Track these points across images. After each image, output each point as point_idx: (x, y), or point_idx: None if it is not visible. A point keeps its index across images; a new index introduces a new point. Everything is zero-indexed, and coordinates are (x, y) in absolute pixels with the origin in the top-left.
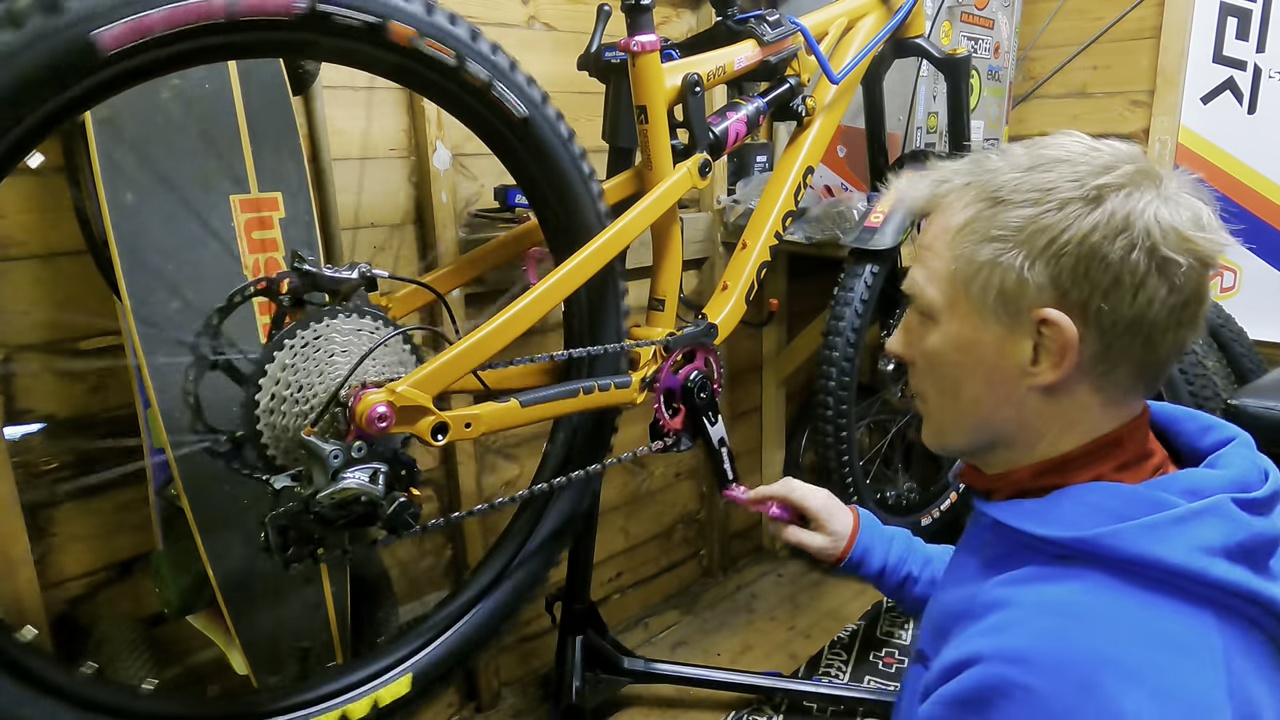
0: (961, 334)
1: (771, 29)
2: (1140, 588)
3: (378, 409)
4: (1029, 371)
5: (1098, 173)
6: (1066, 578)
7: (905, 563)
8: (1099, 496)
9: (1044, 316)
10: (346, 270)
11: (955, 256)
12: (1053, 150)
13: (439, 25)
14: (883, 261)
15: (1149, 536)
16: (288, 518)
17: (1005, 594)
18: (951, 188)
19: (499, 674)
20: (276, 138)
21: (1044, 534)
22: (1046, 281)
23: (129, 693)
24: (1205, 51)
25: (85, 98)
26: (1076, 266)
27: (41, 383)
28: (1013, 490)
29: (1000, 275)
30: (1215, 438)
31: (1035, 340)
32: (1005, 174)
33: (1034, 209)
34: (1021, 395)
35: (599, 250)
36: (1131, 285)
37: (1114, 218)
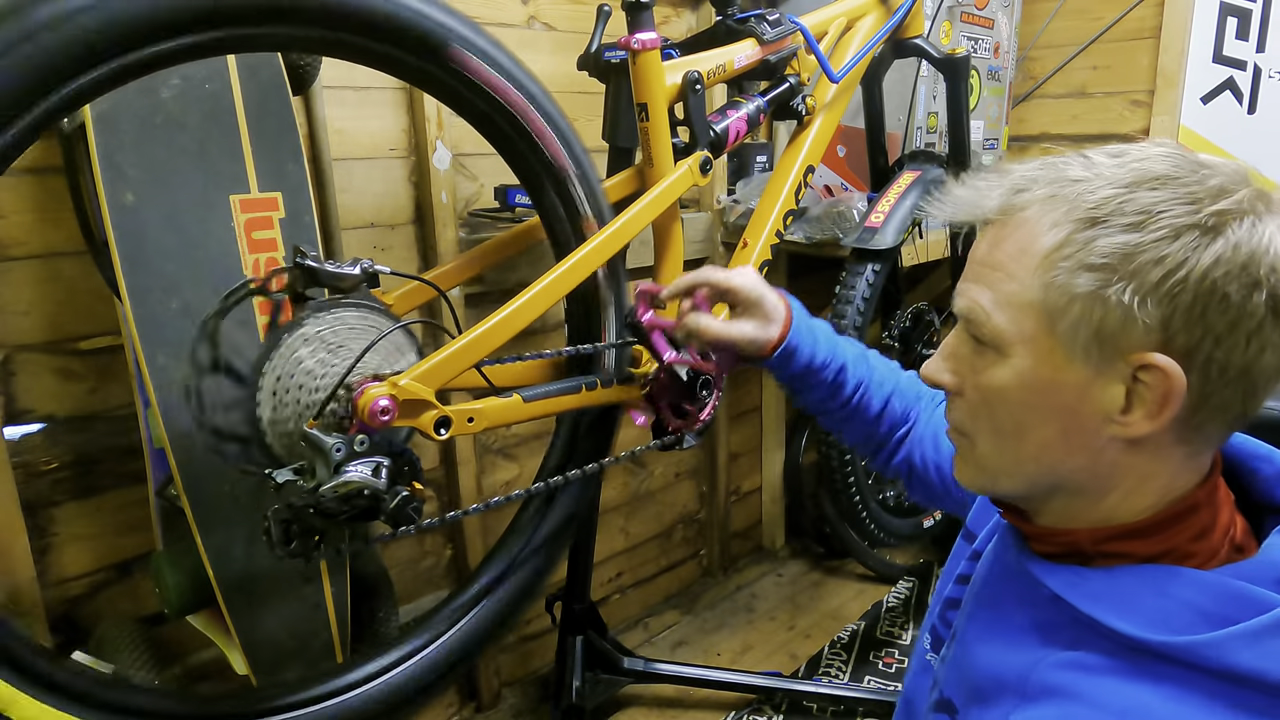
0: (1038, 372)
1: (771, 28)
2: (1228, 702)
3: (380, 402)
4: (1116, 421)
5: (1214, 195)
6: (1143, 679)
7: (835, 358)
8: (1185, 590)
9: (1149, 362)
10: (349, 266)
11: (1045, 284)
12: (1153, 164)
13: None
14: (884, 261)
15: (1250, 648)
16: (290, 511)
17: (1068, 683)
18: (1032, 198)
19: (499, 674)
20: (276, 138)
21: (1132, 634)
22: (1156, 323)
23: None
24: (1205, 51)
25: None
26: (1193, 307)
27: (41, 383)
28: (1065, 548)
29: (1101, 311)
30: None
31: (1129, 386)
32: (1100, 189)
33: (1140, 235)
34: (1100, 445)
35: (600, 247)
36: (1247, 331)
37: (1238, 252)
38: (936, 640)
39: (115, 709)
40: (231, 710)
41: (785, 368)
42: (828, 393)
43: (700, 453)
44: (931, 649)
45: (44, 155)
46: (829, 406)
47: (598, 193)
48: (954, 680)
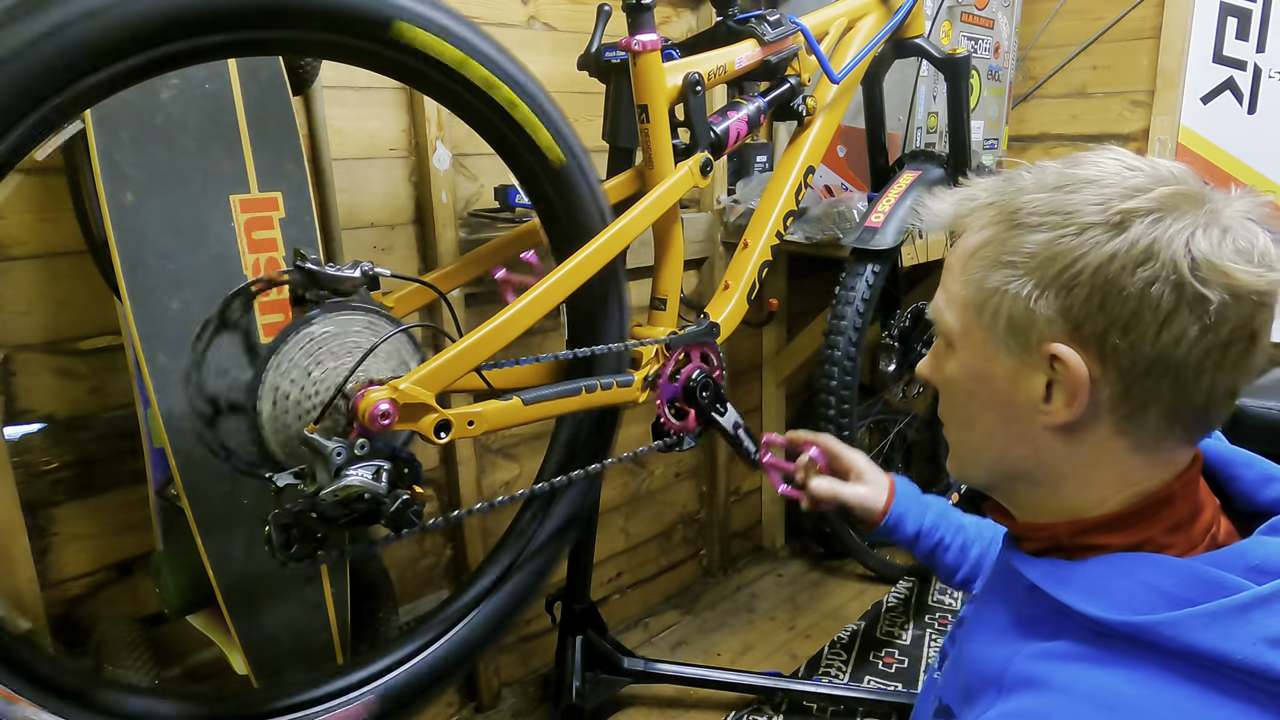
0: (974, 363)
1: (772, 29)
2: (1196, 681)
3: (380, 406)
4: (1041, 410)
5: (1126, 195)
6: (1112, 663)
7: (939, 528)
8: (1152, 574)
9: (1053, 352)
10: (349, 269)
11: (967, 280)
12: (1085, 169)
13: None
14: (884, 261)
15: (1211, 628)
16: (290, 515)
17: (1040, 671)
18: (975, 206)
19: (499, 674)
20: (276, 138)
21: (1090, 612)
22: (1056, 314)
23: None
24: (1205, 51)
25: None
26: (1090, 298)
27: (41, 383)
28: (1047, 542)
29: (1009, 304)
30: (1278, 492)
31: (1049, 376)
32: (1029, 194)
33: (1051, 233)
34: (1036, 433)
35: (601, 249)
36: (1154, 321)
37: (1135, 246)
38: (942, 657)
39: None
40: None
41: (890, 536)
42: (927, 557)
43: (700, 453)
44: (938, 667)
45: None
46: (932, 563)
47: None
48: (951, 685)
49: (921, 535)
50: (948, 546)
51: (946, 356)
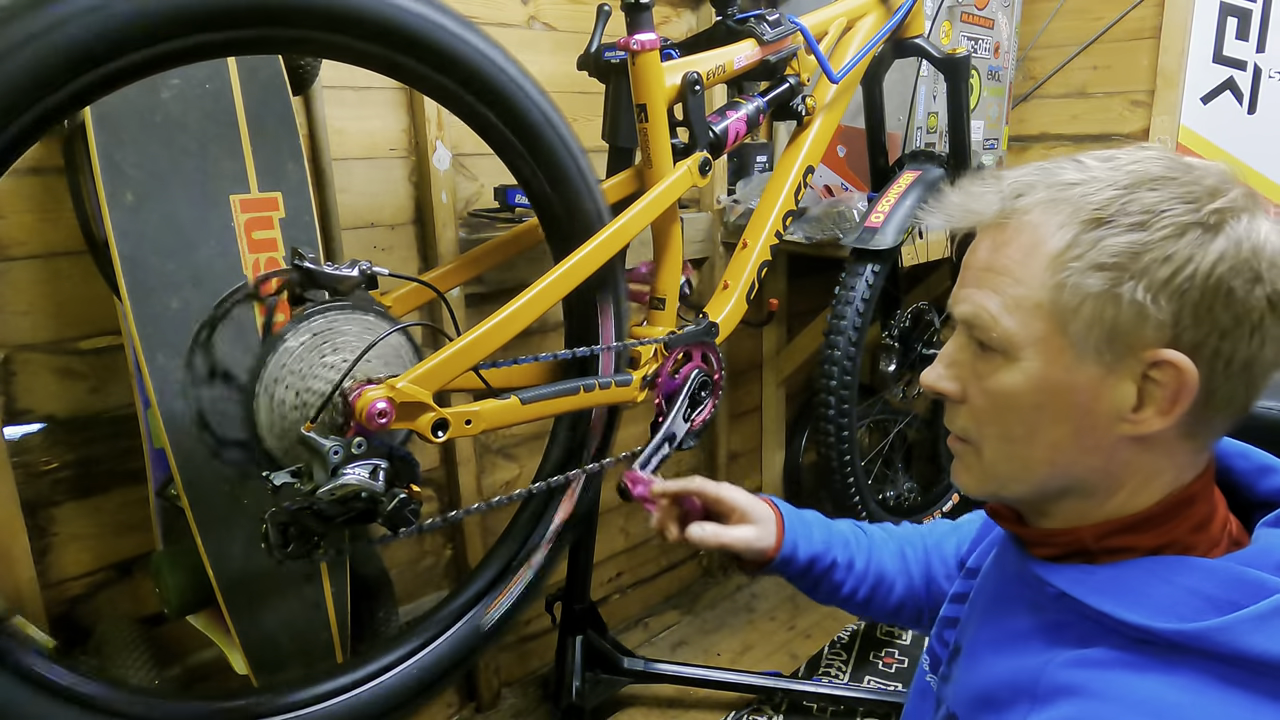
0: (1049, 374)
1: (771, 28)
2: (1242, 687)
3: (378, 405)
4: (1128, 419)
5: (1211, 194)
6: (1156, 670)
7: (830, 549)
8: (1191, 578)
9: (1162, 358)
10: (347, 268)
11: (1056, 285)
12: (1147, 165)
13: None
14: (884, 261)
15: (1259, 630)
16: (288, 514)
17: (1080, 680)
18: (1033, 202)
19: (499, 674)
20: (276, 138)
21: (1141, 624)
22: (1168, 319)
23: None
24: (1205, 51)
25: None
26: (1201, 302)
27: (41, 383)
28: (1068, 547)
29: (1114, 309)
30: (1277, 483)
31: (1139, 384)
32: (1101, 190)
33: (1145, 234)
34: (1112, 444)
35: (599, 248)
36: (1250, 325)
37: (1240, 248)
38: (934, 660)
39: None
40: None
41: (789, 567)
42: (813, 583)
43: (700, 453)
44: (930, 670)
45: (44, 155)
46: (816, 588)
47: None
48: (960, 694)
49: (815, 560)
50: (839, 566)
51: (995, 366)
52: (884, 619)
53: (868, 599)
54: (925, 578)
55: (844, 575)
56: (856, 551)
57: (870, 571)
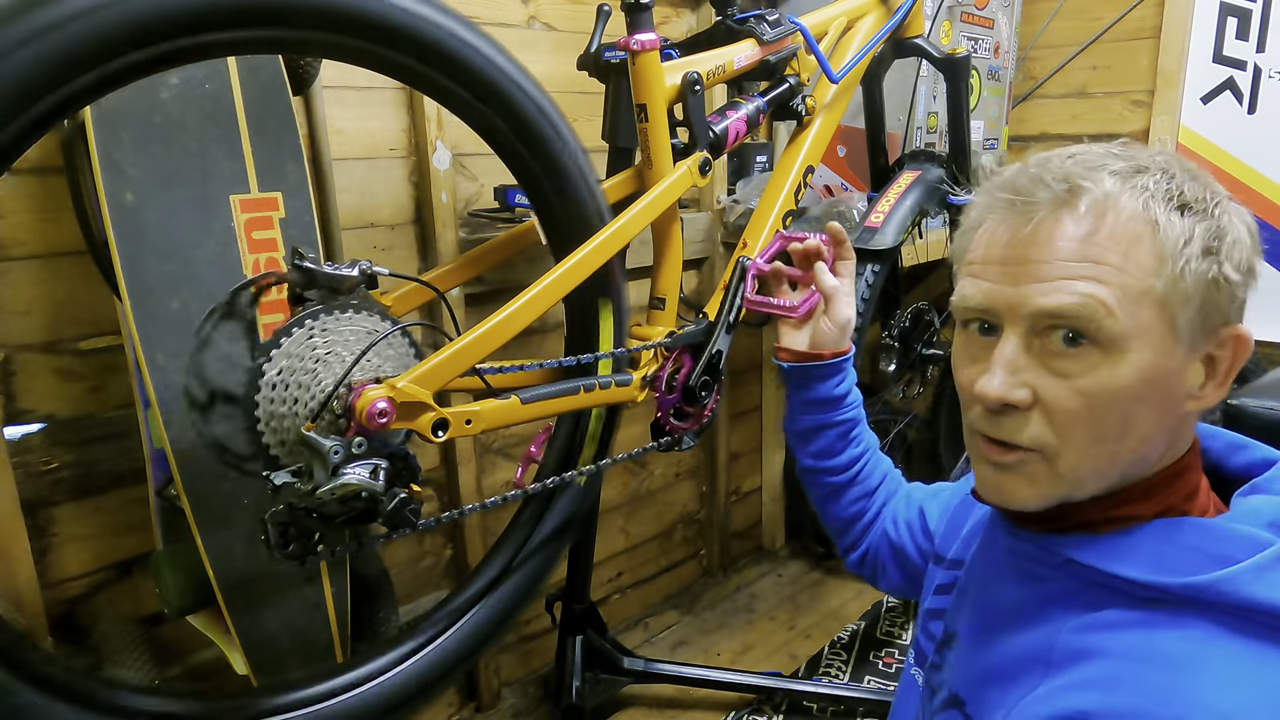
0: (1156, 364)
1: (771, 28)
2: (1249, 636)
3: (378, 404)
4: (1194, 395)
5: (1210, 179)
6: (1167, 625)
7: (856, 408)
8: (1193, 537)
9: (1236, 333)
10: (347, 268)
11: (1174, 274)
12: (1167, 157)
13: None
14: (883, 261)
15: (1260, 580)
16: (288, 514)
17: (1096, 643)
18: (1111, 190)
19: (499, 674)
20: (276, 138)
21: (1152, 581)
22: (1244, 295)
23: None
24: (1205, 51)
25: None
26: (1247, 278)
27: (41, 383)
28: (1073, 522)
29: (1214, 292)
30: (1249, 457)
31: (1205, 362)
32: (1163, 180)
33: (1214, 220)
34: (1175, 424)
35: (599, 248)
36: (1244, 296)
37: (1251, 226)
38: (920, 654)
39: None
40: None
41: (828, 383)
42: (839, 440)
43: (700, 453)
44: (916, 663)
45: (44, 155)
46: (837, 459)
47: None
48: (963, 676)
49: (846, 403)
50: (857, 440)
51: (1096, 364)
52: (834, 521)
53: (843, 486)
54: (887, 513)
55: (847, 445)
56: (869, 437)
57: (863, 462)
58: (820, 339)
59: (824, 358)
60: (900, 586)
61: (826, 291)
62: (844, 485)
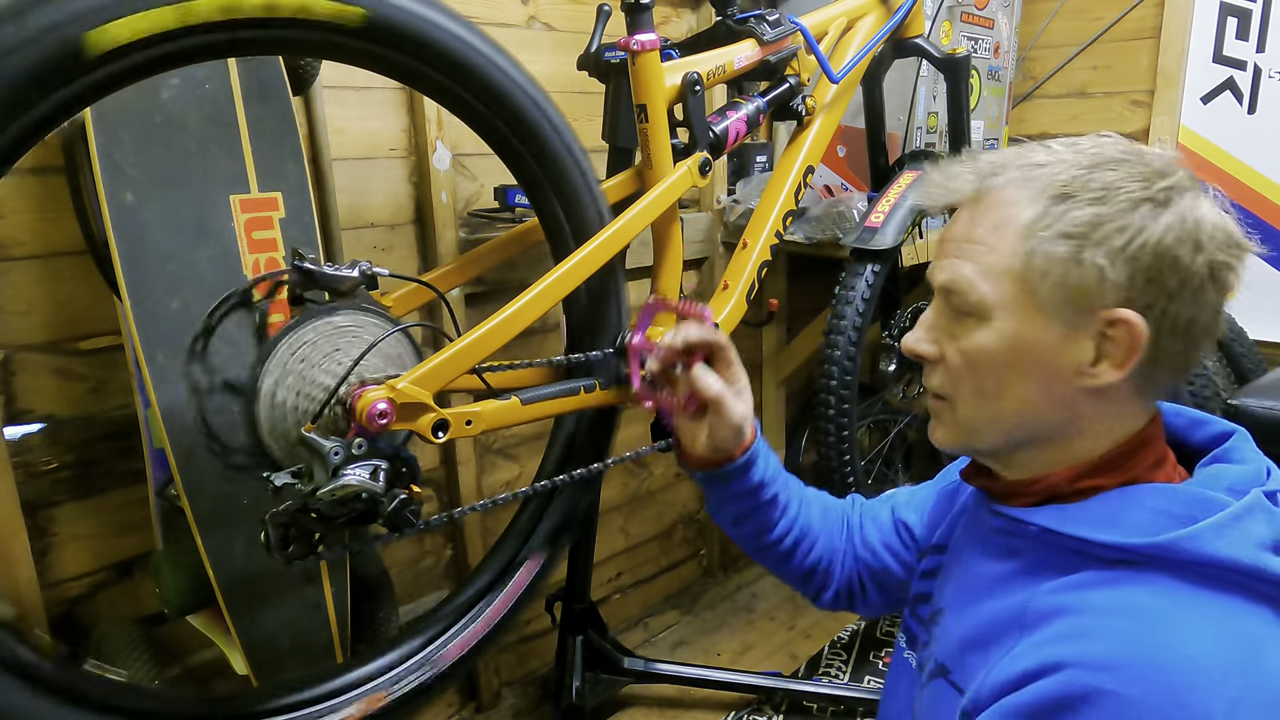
0: (1019, 333)
1: (771, 28)
2: (1207, 588)
3: (378, 405)
4: (1086, 373)
5: (1160, 174)
6: (1133, 581)
7: (776, 481)
8: (1158, 500)
9: (1118, 317)
10: (347, 268)
11: (1027, 252)
12: (1106, 149)
13: None
14: (883, 261)
15: (1220, 538)
16: (288, 515)
17: (1067, 601)
18: (1007, 180)
19: (499, 674)
20: (276, 138)
21: (1112, 540)
22: (1124, 281)
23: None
24: (1205, 51)
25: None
26: (1151, 268)
27: (41, 383)
28: (1044, 494)
29: (1077, 273)
30: (1210, 431)
31: (1097, 341)
32: (1066, 170)
33: (1104, 207)
34: (1072, 396)
35: (599, 248)
36: (1191, 289)
37: (1185, 221)
38: (911, 637)
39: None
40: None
41: (743, 478)
42: (768, 516)
43: None
44: (907, 646)
45: (44, 155)
46: (774, 533)
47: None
48: (947, 646)
49: (764, 486)
50: (785, 510)
51: (969, 328)
52: (794, 577)
53: (790, 550)
54: (850, 541)
55: (778, 515)
56: (792, 489)
57: (799, 520)
58: (719, 444)
59: (733, 457)
60: (881, 606)
61: (711, 399)
62: (790, 548)
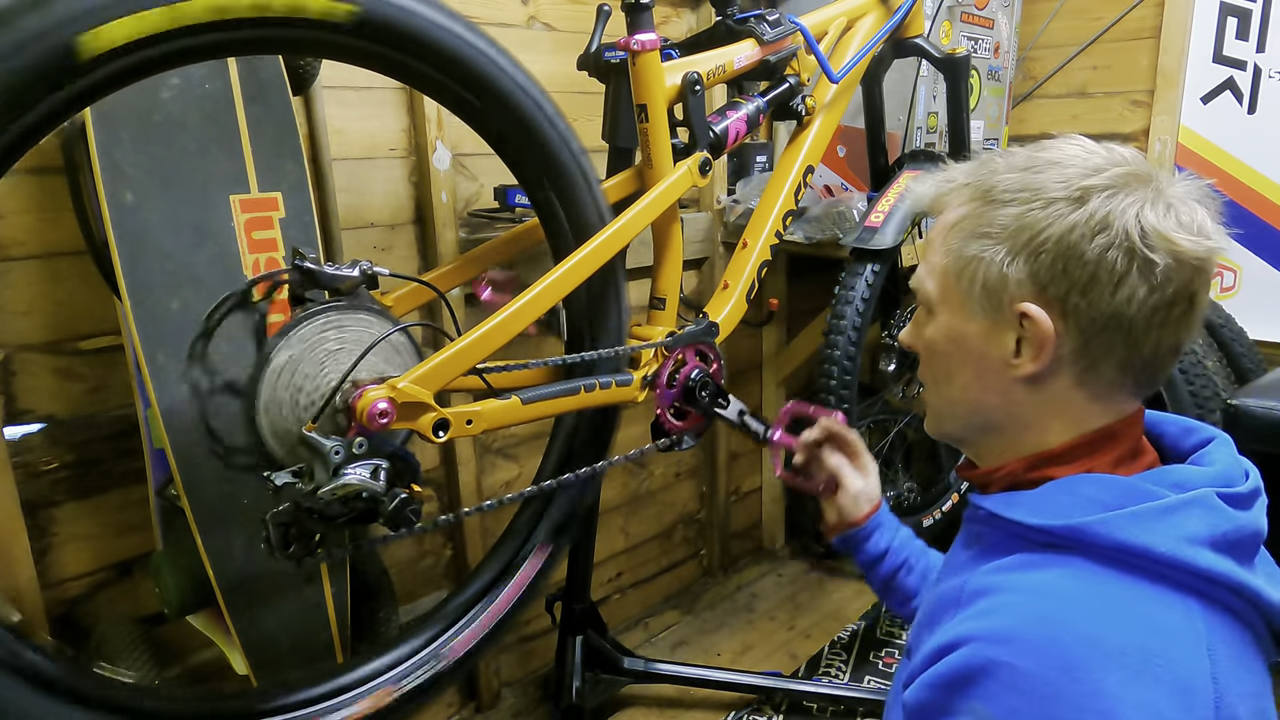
0: (952, 325)
1: (771, 28)
2: (1126, 574)
3: (379, 405)
4: (1011, 363)
5: (1086, 174)
6: (1053, 564)
7: (905, 549)
8: (1091, 488)
9: (1023, 310)
10: (347, 268)
11: (947, 251)
12: (1050, 153)
13: None
14: (883, 261)
15: (1136, 525)
16: (289, 514)
17: (993, 581)
18: (953, 187)
19: (499, 674)
20: (276, 138)
21: (1034, 522)
22: (1026, 277)
23: None
24: (1205, 51)
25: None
26: (1054, 263)
27: (41, 383)
28: (1007, 483)
29: (984, 270)
30: (1198, 438)
31: (1018, 333)
32: (1001, 174)
33: (1021, 208)
34: (1007, 385)
35: (600, 248)
36: (1109, 283)
37: (1093, 217)
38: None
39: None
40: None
41: (861, 545)
42: (886, 579)
43: (700, 453)
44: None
45: (44, 155)
46: (890, 587)
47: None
48: (916, 626)
49: (890, 552)
50: (910, 569)
51: (927, 322)
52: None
53: (918, 591)
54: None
55: (908, 573)
56: (922, 552)
57: (927, 575)
58: (842, 512)
59: (857, 523)
60: None
61: (832, 470)
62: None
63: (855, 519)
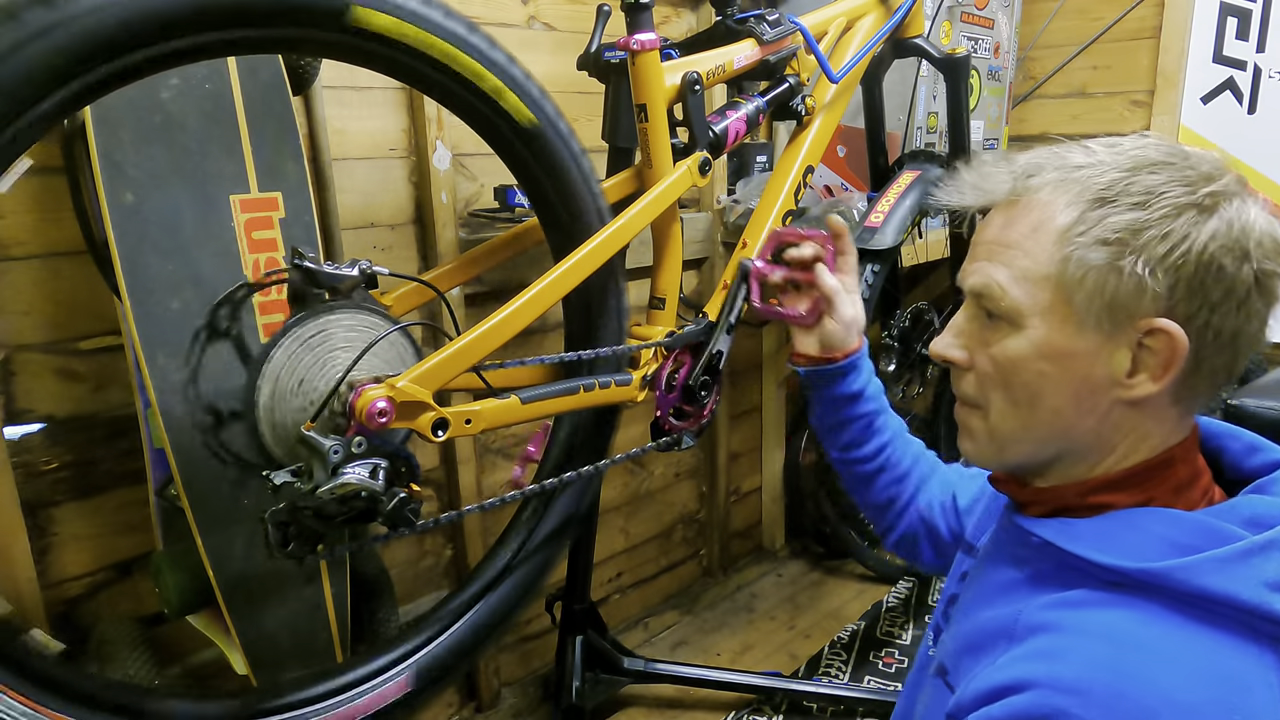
0: (1052, 341)
1: (771, 28)
2: (1200, 622)
3: (378, 404)
4: (1123, 384)
5: (1206, 179)
6: (1123, 605)
7: (879, 398)
8: (1162, 526)
9: (1156, 327)
10: (347, 267)
11: (1063, 258)
12: (1148, 152)
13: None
14: (883, 261)
15: (1220, 573)
16: (288, 513)
17: (1054, 618)
18: (1043, 182)
19: (499, 674)
20: (276, 138)
21: (1105, 562)
22: (1164, 290)
23: None
24: (1205, 51)
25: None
26: (1194, 277)
27: (41, 383)
28: (1055, 505)
29: (1115, 281)
30: (1263, 459)
31: (1134, 351)
32: (1106, 173)
33: (1145, 213)
34: (1107, 407)
35: (599, 247)
36: (1238, 299)
37: (1231, 228)
38: (937, 633)
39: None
40: None
41: (844, 381)
42: (863, 432)
43: (700, 453)
44: (933, 643)
45: (44, 155)
46: (863, 450)
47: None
48: (949, 647)
49: (865, 398)
50: (877, 429)
51: (1002, 335)
52: (870, 507)
53: (873, 474)
54: (922, 496)
55: (872, 435)
56: (894, 423)
57: (890, 450)
58: (829, 340)
59: (836, 359)
60: (937, 566)
61: (827, 293)
62: (874, 473)
63: (846, 349)
